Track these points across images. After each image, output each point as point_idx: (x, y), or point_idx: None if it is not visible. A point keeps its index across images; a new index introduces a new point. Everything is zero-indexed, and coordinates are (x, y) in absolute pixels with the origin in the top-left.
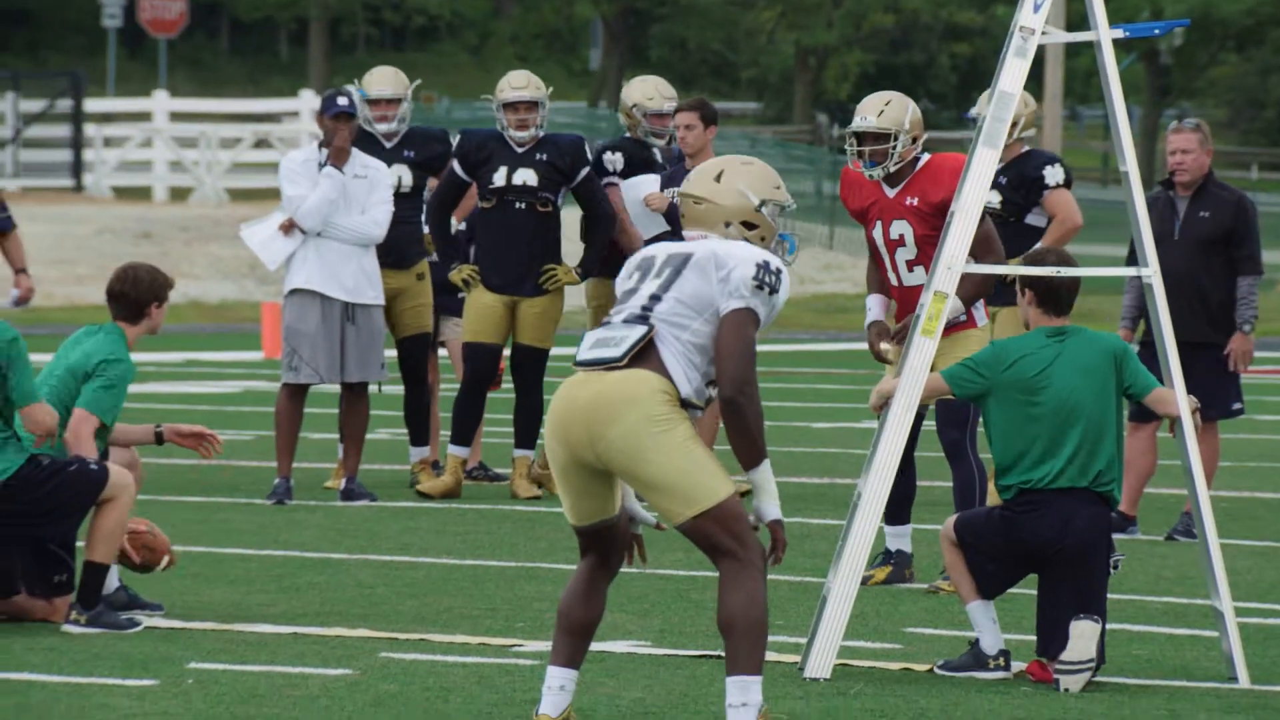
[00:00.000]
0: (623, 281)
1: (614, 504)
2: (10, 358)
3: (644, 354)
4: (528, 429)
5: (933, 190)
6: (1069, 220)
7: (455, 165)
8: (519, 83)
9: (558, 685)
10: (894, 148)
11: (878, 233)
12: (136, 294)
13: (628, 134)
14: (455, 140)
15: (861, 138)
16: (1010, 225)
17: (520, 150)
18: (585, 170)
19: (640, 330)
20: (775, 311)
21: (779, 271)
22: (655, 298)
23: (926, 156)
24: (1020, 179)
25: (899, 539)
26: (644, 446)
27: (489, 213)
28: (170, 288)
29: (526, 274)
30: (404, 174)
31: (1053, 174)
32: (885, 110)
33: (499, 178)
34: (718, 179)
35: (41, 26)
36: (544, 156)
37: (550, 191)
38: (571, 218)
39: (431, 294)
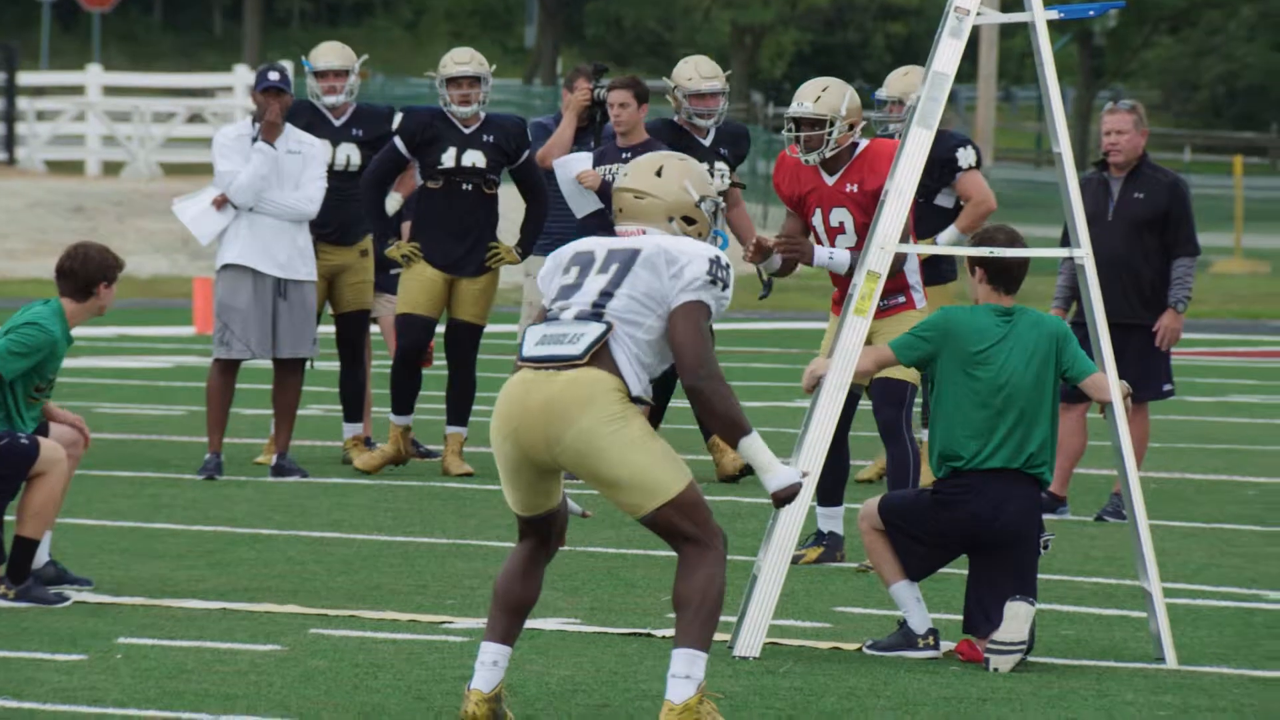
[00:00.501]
0: (555, 275)
1: (558, 494)
2: None
3: (597, 352)
4: (460, 406)
5: (870, 178)
6: (984, 202)
7: (398, 143)
8: (462, 58)
9: (491, 661)
10: (830, 134)
11: (817, 220)
12: (85, 272)
13: (674, 117)
14: (397, 118)
15: (798, 123)
16: (919, 206)
17: (467, 131)
18: (528, 152)
19: (599, 328)
20: (724, 307)
21: (728, 267)
22: (606, 294)
23: (865, 142)
24: (931, 160)
25: (831, 520)
26: (601, 447)
27: (435, 192)
28: (120, 268)
29: (470, 253)
30: (352, 152)
31: (965, 156)
32: (822, 96)
33: (448, 159)
34: (658, 173)
35: None
36: (490, 138)
37: (495, 173)
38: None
39: (373, 271)
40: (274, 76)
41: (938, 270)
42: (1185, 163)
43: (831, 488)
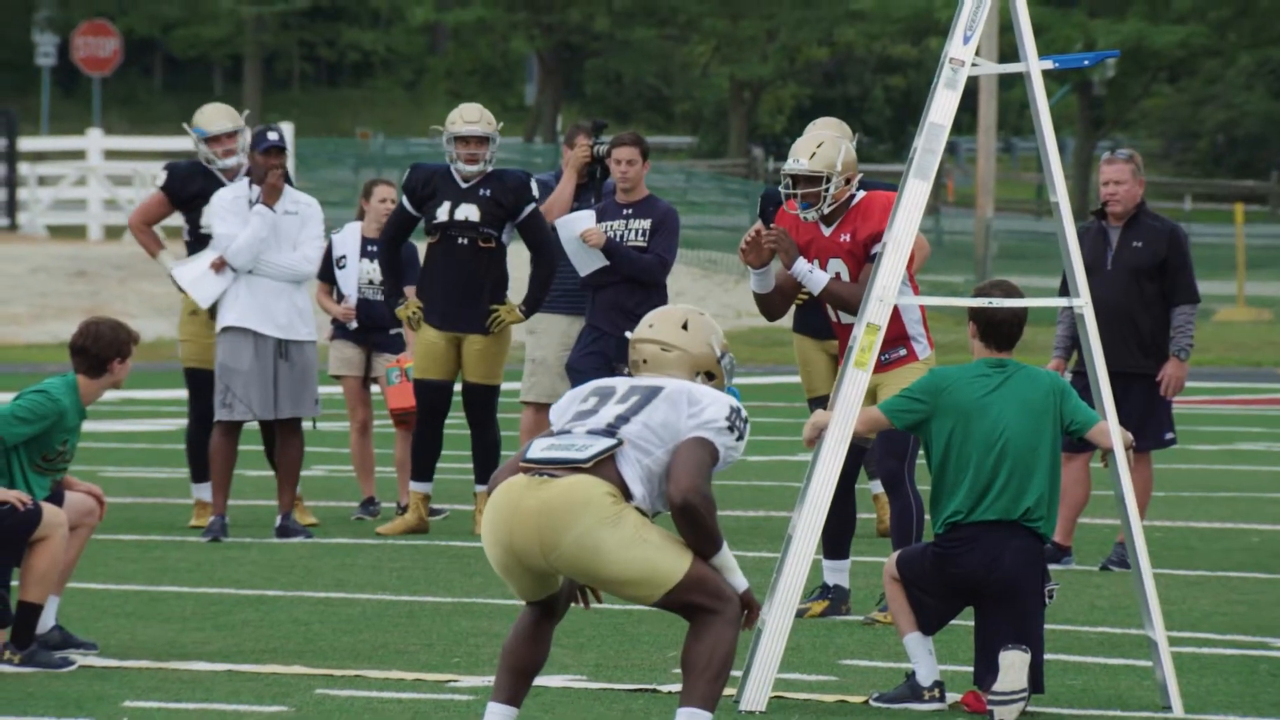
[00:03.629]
0: (572, 404)
1: (559, 579)
2: None
3: (602, 464)
4: (485, 464)
5: (863, 226)
6: (920, 248)
7: (404, 200)
8: (471, 116)
9: None
10: (826, 190)
11: None
12: (98, 349)
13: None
14: (405, 174)
15: (795, 179)
16: None
17: (465, 185)
18: (530, 206)
19: (609, 441)
20: (732, 459)
21: (747, 421)
22: (623, 419)
23: (861, 194)
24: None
25: (837, 574)
26: (600, 550)
27: (433, 248)
28: (135, 343)
29: (469, 310)
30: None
31: None
32: (817, 153)
33: (442, 213)
34: (684, 327)
35: None
36: (488, 192)
37: (493, 227)
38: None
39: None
40: (273, 137)
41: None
42: (1186, 211)
43: (837, 540)
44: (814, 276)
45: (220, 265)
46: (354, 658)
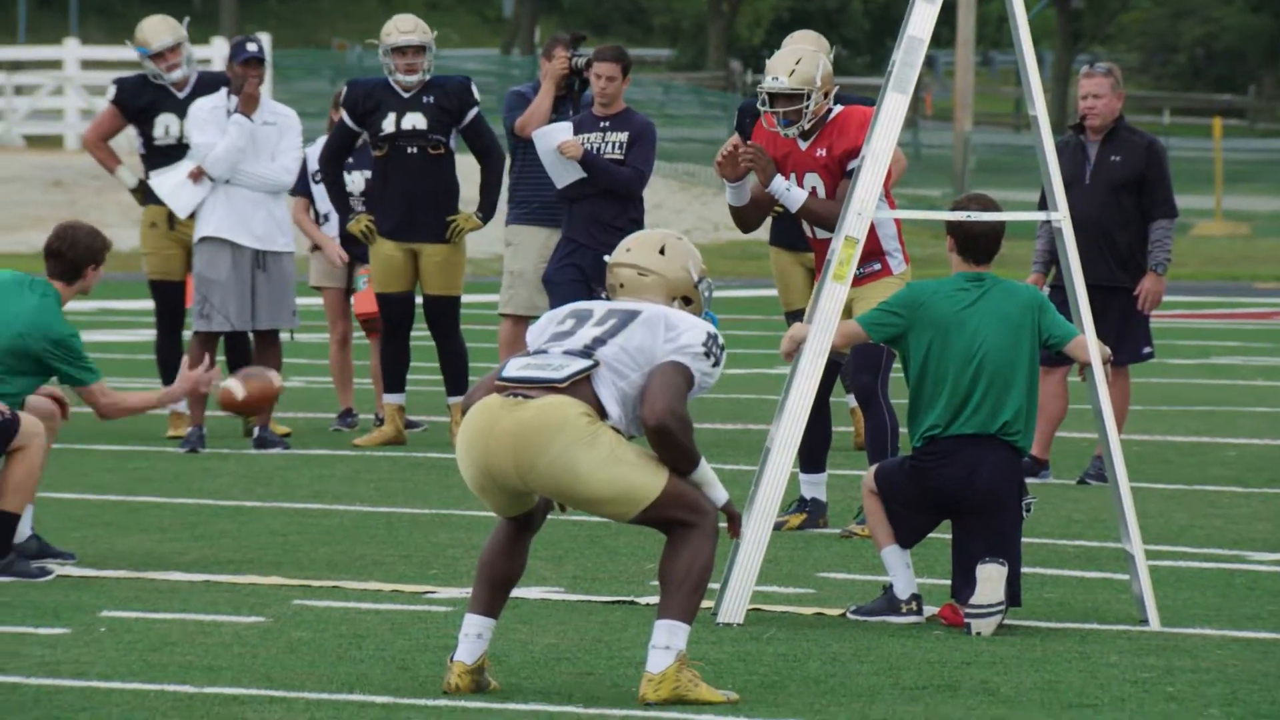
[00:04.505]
0: (549, 326)
1: (535, 496)
2: None
3: (577, 384)
4: (456, 376)
5: (839, 141)
6: (897, 162)
7: (344, 116)
8: (406, 27)
9: (475, 633)
10: (806, 106)
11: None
12: (74, 255)
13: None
14: (342, 91)
15: (774, 97)
16: None
17: (407, 95)
18: (474, 110)
19: (585, 362)
20: (708, 384)
21: (723, 347)
22: (600, 340)
23: (838, 109)
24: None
25: (814, 487)
26: (575, 469)
27: (382, 161)
28: (108, 249)
29: (423, 218)
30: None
31: None
32: (796, 69)
33: (388, 124)
34: (661, 252)
35: None
36: (431, 99)
37: (440, 134)
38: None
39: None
40: (252, 48)
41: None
42: (1164, 125)
43: (814, 454)
44: (791, 194)
45: (198, 175)
46: (331, 569)
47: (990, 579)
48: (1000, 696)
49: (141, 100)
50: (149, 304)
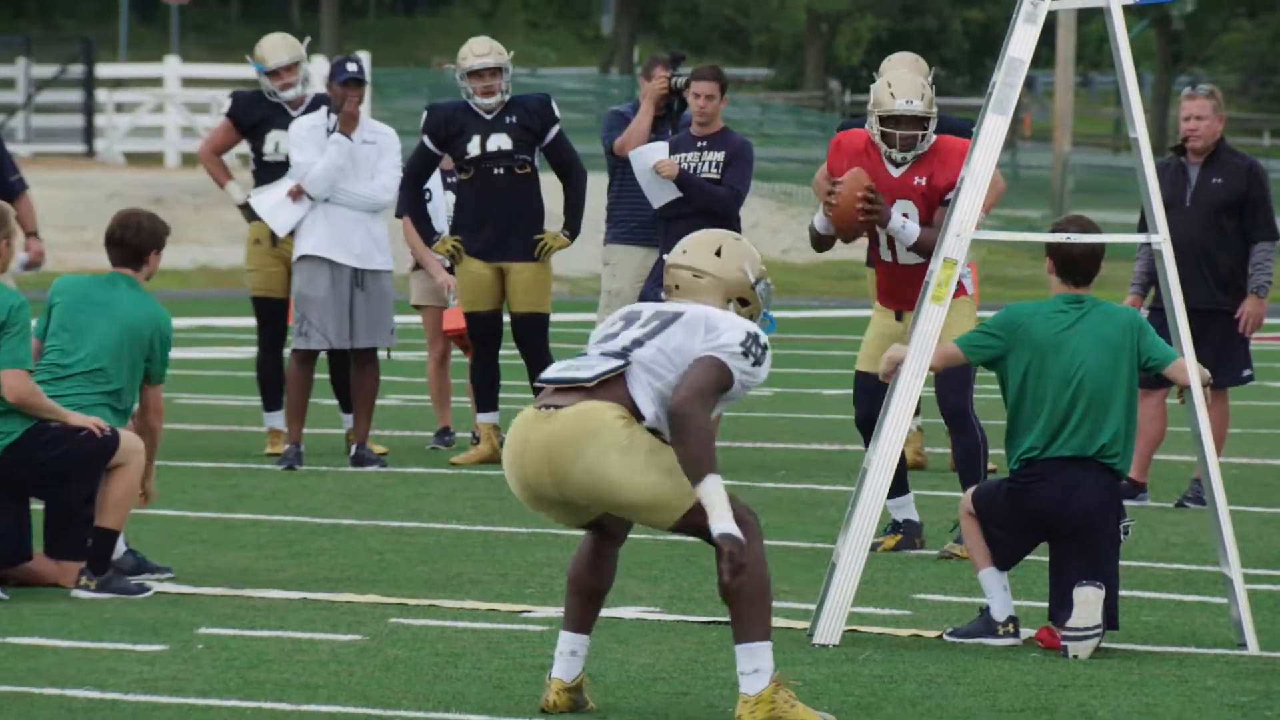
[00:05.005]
0: (605, 328)
1: (592, 507)
2: (10, 323)
3: (611, 385)
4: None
5: (941, 173)
6: (994, 184)
7: (426, 140)
8: (481, 50)
9: (569, 650)
10: (926, 133)
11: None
12: (138, 241)
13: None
14: (424, 115)
15: (899, 120)
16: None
17: (489, 117)
18: (555, 128)
19: (616, 362)
20: (748, 387)
21: (766, 347)
22: (638, 342)
23: (933, 137)
24: None
25: (903, 509)
26: (611, 476)
27: (468, 183)
28: (168, 234)
29: (511, 237)
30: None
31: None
32: (926, 93)
33: (473, 147)
34: (718, 254)
35: None
36: (514, 119)
37: (525, 153)
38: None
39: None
40: (352, 68)
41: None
42: (1265, 147)
43: (893, 479)
44: (906, 230)
45: (297, 193)
46: (428, 587)
47: (1088, 602)
48: (1097, 719)
49: (255, 115)
50: (248, 321)
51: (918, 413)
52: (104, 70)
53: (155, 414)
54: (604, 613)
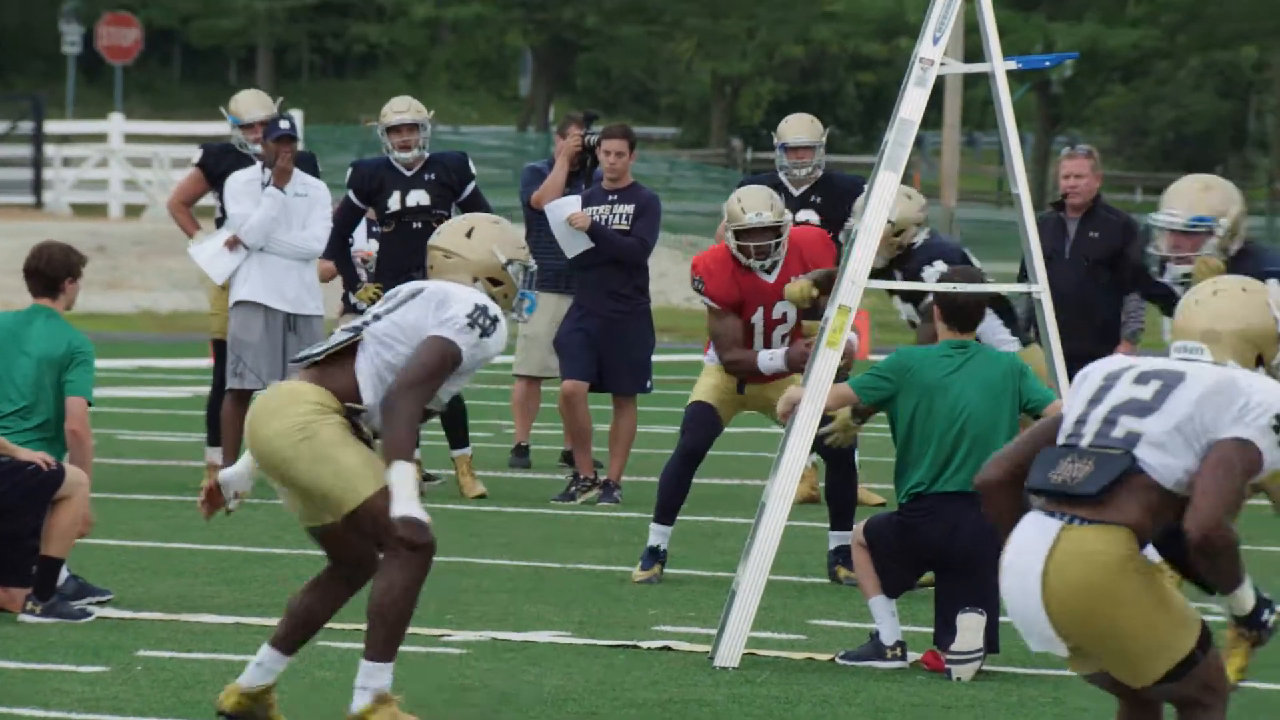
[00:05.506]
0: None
1: (327, 516)
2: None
3: (341, 363)
4: (457, 431)
5: (812, 264)
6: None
7: (351, 194)
8: (400, 107)
9: (259, 661)
10: (780, 241)
11: (758, 318)
12: (52, 271)
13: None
14: (349, 171)
15: (750, 232)
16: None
17: (409, 174)
18: (471, 184)
19: (343, 336)
20: (483, 359)
21: (496, 319)
22: (377, 316)
23: (786, 241)
24: (837, 201)
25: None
26: (287, 456)
27: (389, 235)
28: (83, 264)
29: None
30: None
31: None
32: (774, 203)
33: (393, 202)
34: (469, 235)
35: (5, 52)
36: (432, 176)
37: (443, 208)
38: None
39: None
40: (285, 126)
41: None
42: (1137, 203)
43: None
44: (775, 362)
45: (234, 243)
46: (353, 613)
47: (970, 627)
48: None
49: (223, 165)
50: (187, 362)
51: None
52: (52, 126)
53: (75, 421)
54: (519, 636)
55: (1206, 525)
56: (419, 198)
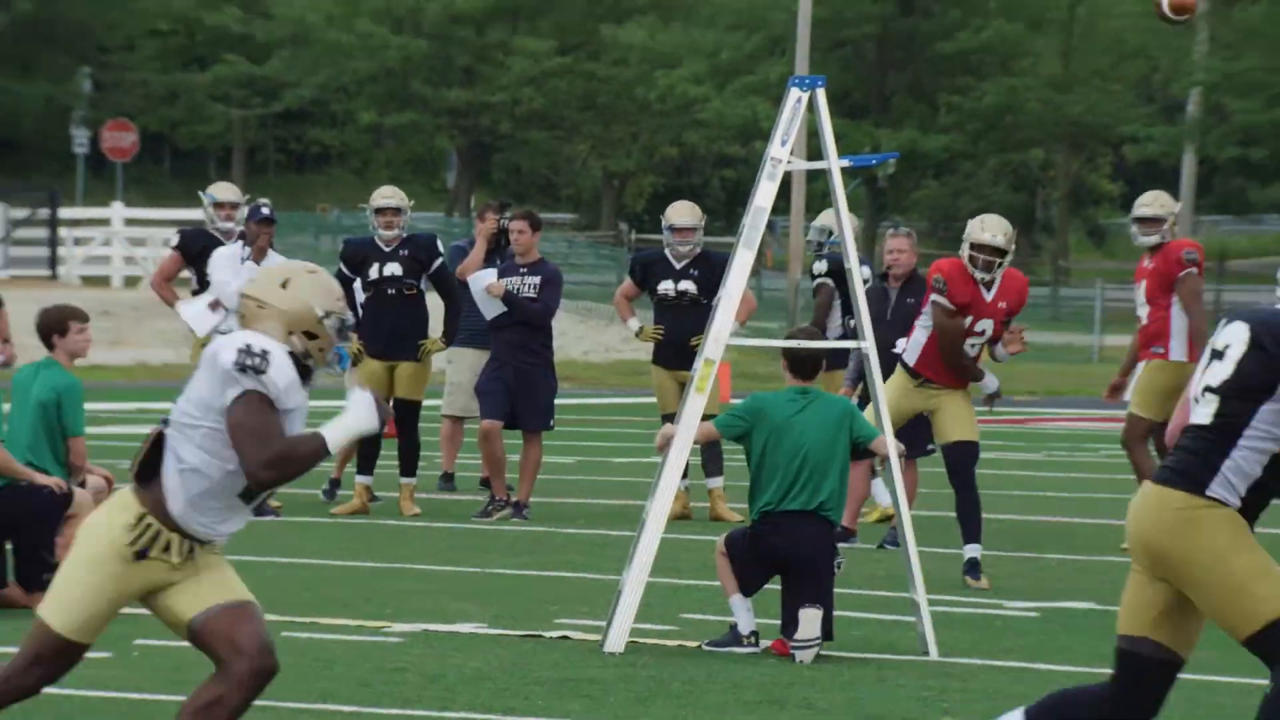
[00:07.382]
0: None
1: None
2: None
3: (153, 462)
4: (407, 462)
5: (1014, 302)
6: (747, 302)
7: (341, 266)
8: (387, 194)
9: None
10: (1005, 262)
11: (966, 324)
12: (43, 329)
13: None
14: (341, 246)
15: (986, 249)
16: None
17: (388, 249)
18: (439, 261)
19: (152, 434)
20: (285, 391)
21: (264, 353)
22: (178, 399)
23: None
24: (711, 274)
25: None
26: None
27: (370, 300)
28: (70, 318)
29: (400, 343)
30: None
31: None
32: (1010, 232)
33: (373, 272)
34: (284, 285)
35: (25, 151)
36: (406, 251)
37: (414, 279)
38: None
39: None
40: (265, 210)
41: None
42: None
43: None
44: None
45: (216, 304)
46: (311, 608)
47: (810, 620)
48: (817, 709)
49: (197, 246)
50: None
51: (686, 474)
52: (65, 213)
53: (77, 458)
54: (445, 627)
55: None
56: (394, 269)
